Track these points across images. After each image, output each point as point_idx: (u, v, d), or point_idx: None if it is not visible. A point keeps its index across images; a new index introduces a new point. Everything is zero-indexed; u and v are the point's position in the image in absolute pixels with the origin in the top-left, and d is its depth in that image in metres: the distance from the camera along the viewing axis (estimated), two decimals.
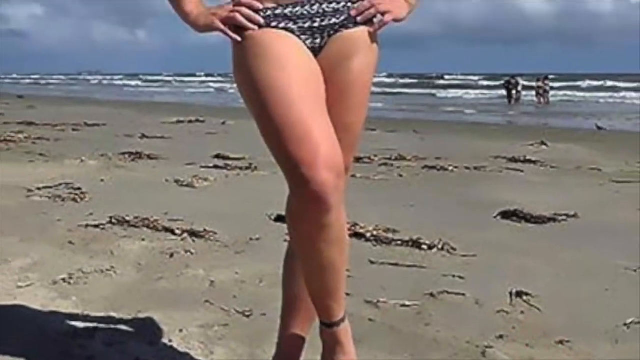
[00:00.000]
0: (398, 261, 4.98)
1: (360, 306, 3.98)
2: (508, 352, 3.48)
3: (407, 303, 4.10)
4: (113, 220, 5.81)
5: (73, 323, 3.73)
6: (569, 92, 51.54)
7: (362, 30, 2.59)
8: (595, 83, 63.00)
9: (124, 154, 10.15)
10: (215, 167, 9.24)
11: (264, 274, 4.49)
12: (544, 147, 12.89)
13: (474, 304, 4.15)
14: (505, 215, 6.49)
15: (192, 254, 5.05)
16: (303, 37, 2.53)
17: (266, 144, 2.43)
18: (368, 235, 5.52)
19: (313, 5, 2.53)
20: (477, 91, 57.43)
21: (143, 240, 5.36)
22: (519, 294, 4.26)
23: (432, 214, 6.65)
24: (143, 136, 13.32)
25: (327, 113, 2.45)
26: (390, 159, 10.32)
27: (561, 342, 3.62)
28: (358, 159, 8.91)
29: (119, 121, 17.22)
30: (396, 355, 3.43)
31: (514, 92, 41.80)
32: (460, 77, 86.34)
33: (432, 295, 4.25)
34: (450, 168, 9.60)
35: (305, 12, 2.53)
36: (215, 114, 20.07)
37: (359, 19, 2.58)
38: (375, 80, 2.83)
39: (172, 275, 4.56)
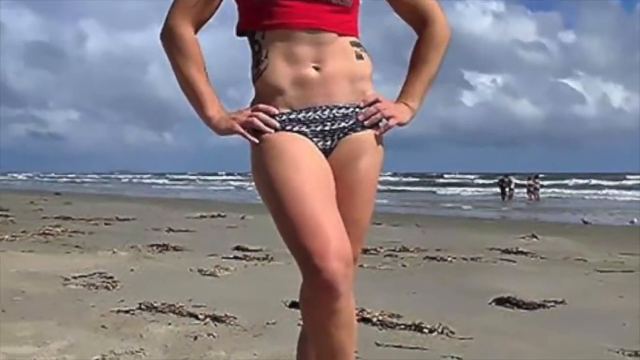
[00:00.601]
0: (401, 343, 4.96)
1: None
2: None
3: None
4: (142, 306, 5.81)
5: None
6: (557, 190, 51.63)
7: (369, 133, 2.63)
8: (581, 181, 63.05)
9: (152, 245, 10.15)
10: (235, 257, 9.22)
11: (280, 356, 4.48)
12: (534, 239, 12.85)
13: None
14: (499, 301, 6.47)
15: (214, 337, 5.04)
16: (315, 139, 2.57)
17: (282, 237, 2.45)
18: (374, 319, 5.50)
19: (324, 110, 2.57)
20: (474, 189, 57.51)
21: (169, 324, 5.36)
22: None
23: (432, 301, 6.63)
24: (169, 230, 13.33)
25: (337, 208, 2.48)
26: (394, 250, 10.29)
27: None
28: (365, 250, 8.90)
29: (148, 216, 17.27)
30: None
31: (507, 189, 41.91)
32: (458, 176, 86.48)
33: None
34: (449, 259, 9.56)
35: (317, 117, 2.57)
36: (235, 210, 20.10)
37: (366, 123, 2.62)
38: (381, 178, 2.86)
39: (196, 357, 4.55)
